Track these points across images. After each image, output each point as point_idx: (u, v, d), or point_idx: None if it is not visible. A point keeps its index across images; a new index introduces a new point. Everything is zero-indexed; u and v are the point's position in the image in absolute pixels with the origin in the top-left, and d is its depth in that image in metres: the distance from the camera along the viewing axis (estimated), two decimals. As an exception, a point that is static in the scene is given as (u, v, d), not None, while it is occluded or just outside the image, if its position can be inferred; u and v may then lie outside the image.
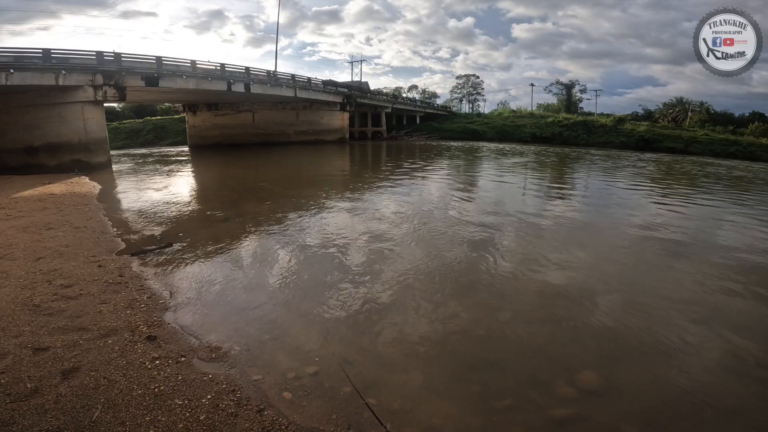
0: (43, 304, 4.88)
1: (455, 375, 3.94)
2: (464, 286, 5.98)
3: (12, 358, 3.75)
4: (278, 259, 7.15)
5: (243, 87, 28.82)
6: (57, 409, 3.14)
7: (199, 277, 6.23)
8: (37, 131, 19.14)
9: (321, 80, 38.10)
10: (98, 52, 20.34)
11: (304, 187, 15.56)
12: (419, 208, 11.02)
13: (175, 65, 24.55)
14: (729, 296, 5.81)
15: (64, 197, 12.32)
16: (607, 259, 7.35)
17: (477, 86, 79.11)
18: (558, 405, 3.51)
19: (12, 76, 16.83)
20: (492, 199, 13.15)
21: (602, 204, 12.78)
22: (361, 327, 4.79)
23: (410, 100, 60.71)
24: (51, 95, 18.96)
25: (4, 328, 4.27)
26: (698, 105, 52.01)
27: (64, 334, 4.23)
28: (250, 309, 5.20)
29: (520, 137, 47.36)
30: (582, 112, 64.21)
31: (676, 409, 3.52)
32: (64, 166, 18.72)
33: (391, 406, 3.44)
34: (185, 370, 3.74)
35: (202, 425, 3.06)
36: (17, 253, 6.70)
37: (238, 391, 3.49)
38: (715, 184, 18.04)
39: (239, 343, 4.33)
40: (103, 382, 3.49)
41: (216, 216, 10.42)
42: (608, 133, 44.75)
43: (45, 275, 5.79)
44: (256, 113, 37.66)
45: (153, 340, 4.24)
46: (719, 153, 37.18)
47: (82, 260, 6.53)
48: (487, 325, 4.91)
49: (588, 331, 4.79)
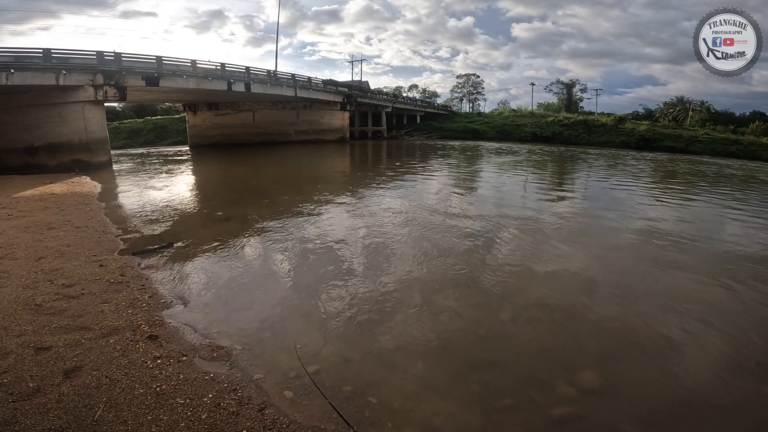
0: (45, 303, 4.90)
1: (455, 374, 3.95)
2: (464, 285, 5.99)
3: (14, 358, 3.77)
4: (279, 259, 7.16)
5: (243, 86, 28.84)
6: (59, 409, 3.15)
7: (200, 276, 6.25)
8: (38, 131, 19.19)
9: (321, 80, 38.12)
10: (98, 52, 20.36)
11: (304, 186, 15.57)
12: (418, 207, 11.04)
13: (175, 65, 24.56)
14: (728, 295, 5.82)
15: (65, 197, 12.34)
16: (605, 258, 7.36)
17: (477, 86, 79.08)
18: (558, 404, 3.52)
19: (12, 76, 16.87)
20: (489, 196, 13.15)
21: (598, 202, 12.77)
22: (362, 326, 4.80)
23: (410, 100, 60.67)
24: (51, 95, 18.99)
25: (6, 328, 4.29)
26: (699, 104, 52.06)
27: (66, 333, 4.25)
28: (250, 308, 5.21)
29: (520, 137, 47.35)
30: (582, 111, 64.20)
31: (676, 409, 3.53)
32: (65, 166, 18.76)
33: (392, 405, 3.45)
34: (187, 369, 3.75)
35: (203, 424, 3.07)
36: (19, 253, 6.72)
37: (239, 390, 3.51)
38: (703, 181, 18.07)
39: (240, 342, 4.35)
40: (105, 381, 3.50)
41: (217, 215, 10.43)
42: (609, 133, 44.75)
43: (47, 275, 5.80)
44: (256, 113, 37.70)
45: (154, 339, 4.25)
46: (720, 152, 37.16)
47: (84, 260, 6.55)
48: (488, 324, 4.92)
49: (588, 331, 4.80)
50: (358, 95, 41.44)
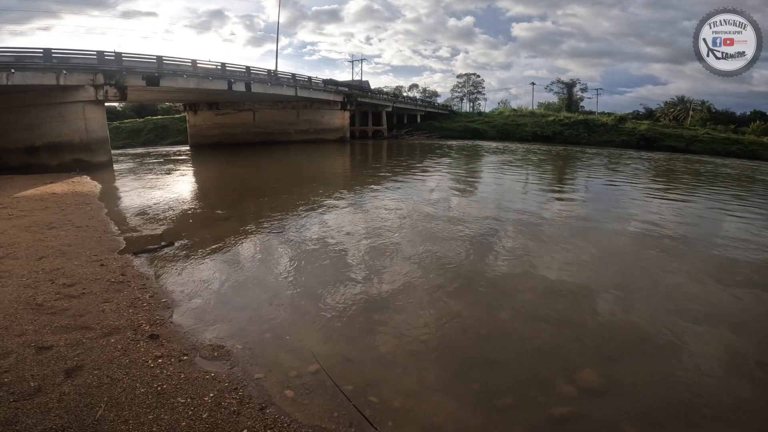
0: (46, 303, 4.91)
1: (456, 373, 3.95)
2: (465, 285, 5.99)
3: (15, 357, 3.78)
4: (279, 258, 7.17)
5: (244, 86, 28.85)
6: (60, 408, 3.15)
7: (200, 275, 6.25)
8: (39, 131, 19.19)
9: (321, 79, 38.13)
10: (99, 52, 20.37)
11: (304, 186, 15.57)
12: (418, 206, 11.04)
13: (175, 65, 24.56)
14: (729, 294, 5.82)
15: (65, 196, 12.35)
16: (606, 257, 7.36)
17: (478, 85, 78.98)
18: (558, 404, 3.52)
19: (13, 75, 16.86)
20: (489, 195, 13.15)
21: (598, 201, 12.77)
22: (363, 325, 4.80)
23: (411, 99, 60.67)
24: (52, 95, 18.99)
25: (8, 327, 4.29)
26: (699, 104, 52.01)
27: (67, 332, 4.25)
28: (251, 307, 5.22)
29: (521, 136, 47.33)
30: (583, 111, 64.08)
31: (677, 409, 3.53)
32: (66, 166, 18.75)
33: (392, 404, 3.46)
34: (188, 369, 3.76)
35: (204, 423, 3.08)
36: (20, 252, 6.73)
37: (240, 389, 3.51)
38: (705, 180, 18.06)
39: (241, 341, 4.35)
40: (106, 380, 3.51)
41: (217, 215, 10.44)
42: (609, 132, 44.74)
43: (48, 274, 5.81)
44: (257, 112, 37.70)
45: (155, 338, 4.26)
46: (720, 152, 37.17)
47: (85, 259, 6.55)
48: (488, 323, 4.92)
49: (588, 330, 4.80)
50: (358, 95, 41.45)
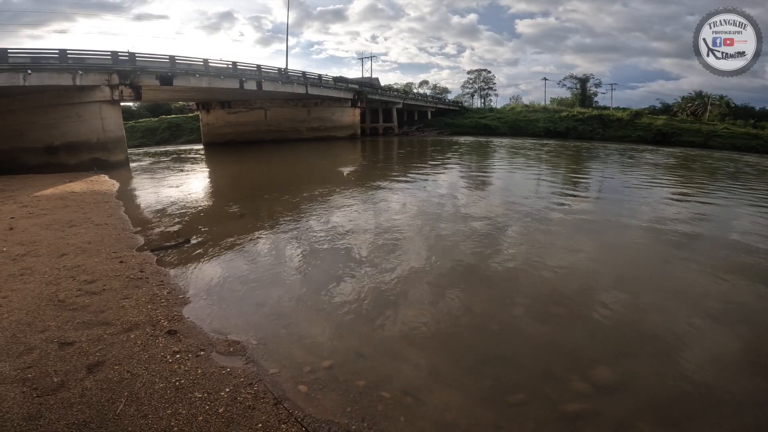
0: (68, 299, 5.04)
1: (468, 369, 3.97)
2: (477, 281, 5.99)
3: (38, 353, 3.89)
4: (293, 254, 7.24)
5: (255, 85, 29.04)
6: (82, 403, 3.24)
7: (216, 272, 6.36)
8: (57, 131, 19.61)
9: (332, 77, 38.18)
10: (113, 52, 20.66)
11: (316, 183, 15.63)
12: (430, 202, 11.04)
13: (188, 64, 24.79)
14: (742, 291, 5.73)
15: (84, 195, 12.63)
16: (619, 254, 7.28)
17: (489, 81, 78.22)
18: (571, 400, 3.52)
19: (30, 76, 17.23)
20: (502, 191, 13.06)
21: (614, 197, 12.60)
22: (375, 321, 4.84)
23: (421, 96, 60.29)
24: (69, 95, 19.39)
25: (31, 323, 4.43)
26: (718, 98, 50.66)
27: (89, 328, 4.37)
28: (266, 303, 5.30)
29: (533, 132, 46.74)
30: (597, 106, 63.03)
31: (691, 405, 3.50)
32: (84, 165, 19.17)
33: (404, 399, 3.49)
34: (204, 364, 3.84)
35: (221, 418, 3.15)
36: (41, 250, 6.91)
37: (255, 384, 3.58)
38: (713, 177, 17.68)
39: (256, 337, 4.43)
40: (127, 375, 3.60)
41: (231, 212, 10.57)
42: (625, 127, 43.93)
43: (69, 271, 5.97)
44: (268, 110, 37.98)
45: (173, 334, 4.35)
46: (740, 147, 36.29)
47: (104, 256, 6.71)
48: (500, 320, 4.92)
49: (601, 327, 4.77)
50: (368, 92, 41.46)
